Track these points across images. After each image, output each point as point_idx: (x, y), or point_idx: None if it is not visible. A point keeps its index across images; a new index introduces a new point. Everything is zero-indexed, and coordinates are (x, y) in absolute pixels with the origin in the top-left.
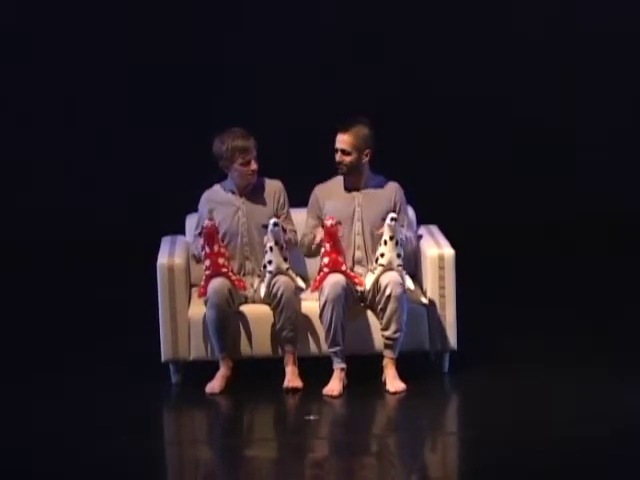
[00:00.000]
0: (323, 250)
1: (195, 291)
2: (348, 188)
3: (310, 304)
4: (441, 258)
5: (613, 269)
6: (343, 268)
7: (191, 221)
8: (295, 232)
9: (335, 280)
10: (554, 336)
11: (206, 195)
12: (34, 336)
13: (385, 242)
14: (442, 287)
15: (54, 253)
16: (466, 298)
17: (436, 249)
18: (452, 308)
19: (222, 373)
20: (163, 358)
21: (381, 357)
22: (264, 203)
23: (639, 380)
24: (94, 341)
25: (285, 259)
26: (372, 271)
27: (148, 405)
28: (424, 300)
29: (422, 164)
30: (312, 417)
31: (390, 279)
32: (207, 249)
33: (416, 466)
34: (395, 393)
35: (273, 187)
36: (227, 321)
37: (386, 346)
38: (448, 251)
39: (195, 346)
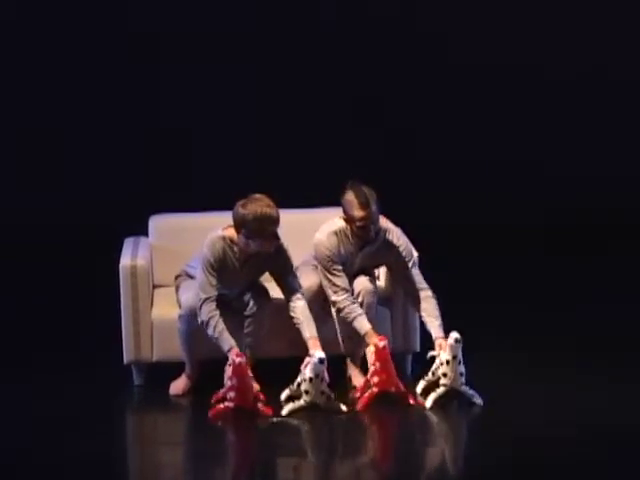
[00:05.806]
0: (373, 368)
1: (158, 293)
2: (353, 245)
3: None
4: None
5: (578, 268)
6: (393, 390)
7: (154, 222)
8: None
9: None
10: (528, 336)
11: (217, 251)
12: None
13: (447, 362)
14: None
15: (15, 253)
16: None
17: None
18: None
19: (187, 374)
20: (125, 360)
21: (343, 357)
22: (265, 261)
23: (630, 379)
24: (55, 342)
25: (322, 392)
26: (432, 387)
27: (111, 407)
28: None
29: (389, 166)
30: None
31: (363, 287)
32: (235, 382)
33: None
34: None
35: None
36: (198, 331)
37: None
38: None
39: (158, 347)
